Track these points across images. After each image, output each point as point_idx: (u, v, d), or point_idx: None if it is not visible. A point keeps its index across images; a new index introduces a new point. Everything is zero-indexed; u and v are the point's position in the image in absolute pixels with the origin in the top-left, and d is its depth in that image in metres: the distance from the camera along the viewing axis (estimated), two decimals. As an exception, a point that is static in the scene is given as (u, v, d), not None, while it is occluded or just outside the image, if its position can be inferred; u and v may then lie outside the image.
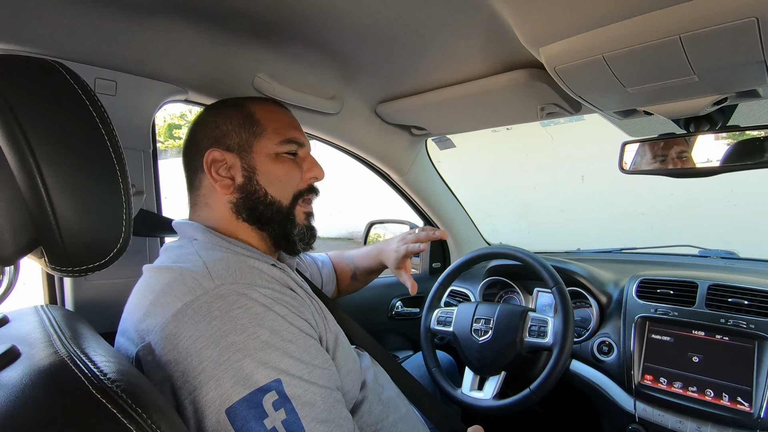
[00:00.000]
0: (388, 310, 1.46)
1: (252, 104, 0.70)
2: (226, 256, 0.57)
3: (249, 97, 0.74)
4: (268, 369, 0.47)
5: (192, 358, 0.47)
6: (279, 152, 0.68)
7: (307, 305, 0.59)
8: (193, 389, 0.46)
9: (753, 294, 0.89)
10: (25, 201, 0.40)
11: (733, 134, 0.82)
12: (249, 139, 0.67)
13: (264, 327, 0.49)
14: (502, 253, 1.09)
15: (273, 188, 0.67)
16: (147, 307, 0.53)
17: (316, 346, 0.55)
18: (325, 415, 0.49)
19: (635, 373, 0.92)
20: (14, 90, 0.39)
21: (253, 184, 0.66)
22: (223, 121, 0.68)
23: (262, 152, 0.67)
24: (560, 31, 0.61)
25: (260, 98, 0.75)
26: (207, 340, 0.47)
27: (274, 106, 0.72)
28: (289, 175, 0.68)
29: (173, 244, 0.64)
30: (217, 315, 0.49)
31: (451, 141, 4.65)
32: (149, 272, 0.59)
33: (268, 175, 0.67)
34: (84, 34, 0.70)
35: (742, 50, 0.56)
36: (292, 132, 0.70)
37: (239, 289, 0.52)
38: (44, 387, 0.35)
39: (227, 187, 0.66)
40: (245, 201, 0.66)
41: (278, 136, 0.68)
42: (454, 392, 0.99)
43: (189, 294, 0.51)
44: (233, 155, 0.66)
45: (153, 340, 0.50)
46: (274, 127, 0.68)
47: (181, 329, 0.48)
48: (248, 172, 0.66)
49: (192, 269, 0.54)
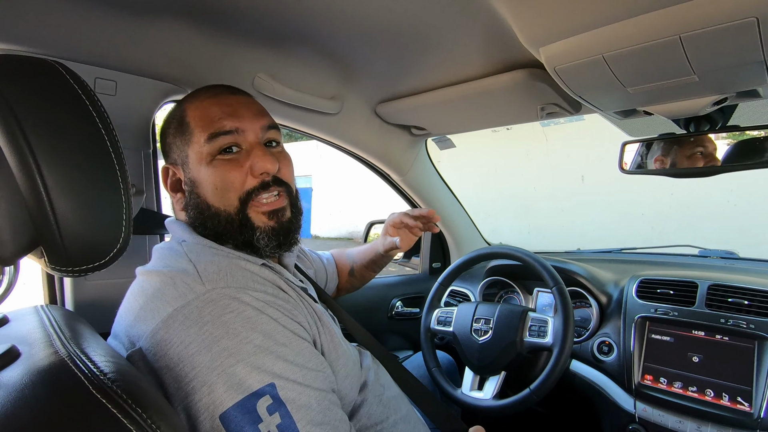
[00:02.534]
0: (388, 310, 1.46)
1: (188, 104, 0.64)
2: (217, 260, 0.56)
3: (193, 92, 0.66)
4: (262, 373, 0.46)
5: (184, 364, 0.46)
6: (212, 153, 0.60)
7: (300, 308, 0.58)
8: (185, 395, 0.45)
9: (753, 294, 0.89)
10: (25, 201, 0.40)
11: (733, 134, 0.83)
12: (184, 149, 0.62)
13: (257, 331, 0.49)
14: (502, 253, 1.09)
15: (213, 198, 0.60)
16: (137, 311, 0.52)
17: (310, 349, 0.54)
18: (321, 418, 0.48)
19: (635, 373, 0.92)
20: (14, 90, 0.39)
21: (194, 197, 0.62)
22: (168, 132, 0.64)
23: (195, 159, 0.61)
24: (560, 31, 0.61)
25: (200, 91, 0.66)
26: (199, 345, 0.46)
27: (207, 98, 0.63)
28: (226, 178, 0.60)
29: (164, 245, 0.63)
30: (208, 320, 0.48)
31: (451, 141, 4.64)
32: (141, 275, 0.58)
33: (206, 184, 0.60)
34: (84, 34, 0.70)
35: (742, 50, 0.56)
36: (217, 123, 0.60)
37: (230, 293, 0.51)
38: (44, 387, 0.35)
39: (181, 203, 0.64)
40: (195, 217, 0.62)
41: (203, 133, 0.60)
42: (454, 392, 0.99)
43: (180, 299, 0.50)
44: (179, 168, 0.63)
45: (144, 345, 0.49)
46: (200, 125, 0.60)
47: (172, 335, 0.47)
48: (189, 186, 0.62)
49: (182, 273, 0.53)
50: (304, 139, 6.49)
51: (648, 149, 0.92)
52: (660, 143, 0.90)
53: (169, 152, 0.64)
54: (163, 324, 0.48)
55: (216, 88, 0.66)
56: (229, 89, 0.66)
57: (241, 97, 0.65)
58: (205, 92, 0.65)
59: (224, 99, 0.63)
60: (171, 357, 0.47)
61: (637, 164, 0.93)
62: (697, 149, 0.86)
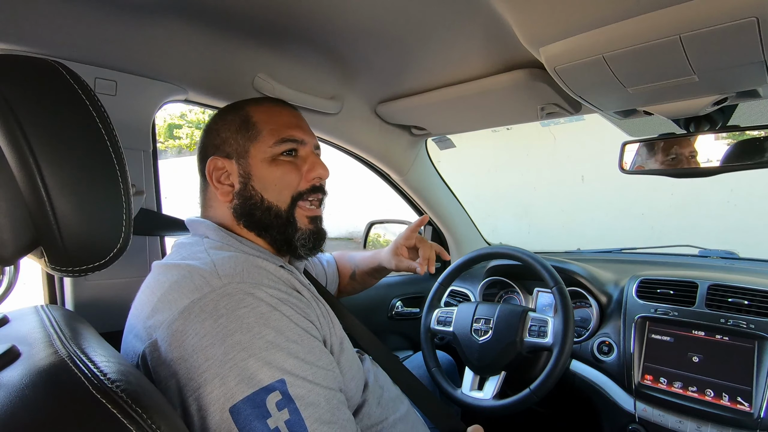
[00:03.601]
0: (388, 310, 1.46)
1: (252, 107, 0.69)
2: (235, 255, 0.58)
3: (253, 99, 0.73)
4: (273, 369, 0.47)
5: (198, 355, 0.47)
6: (275, 154, 0.66)
7: (312, 307, 0.59)
8: (197, 387, 0.46)
9: (753, 294, 0.89)
10: (25, 201, 0.40)
11: (733, 134, 0.82)
12: (245, 145, 0.67)
13: (269, 327, 0.50)
14: (502, 253, 1.09)
15: (269, 192, 0.66)
16: (155, 303, 0.53)
17: (321, 348, 0.55)
18: (329, 416, 0.49)
19: (635, 373, 0.92)
20: (14, 90, 0.39)
21: (249, 189, 0.66)
22: (224, 128, 0.68)
23: (257, 156, 0.66)
24: (560, 31, 0.61)
25: (263, 99, 0.74)
26: (213, 338, 0.47)
27: (274, 107, 0.71)
28: (285, 177, 0.67)
29: (185, 240, 0.65)
30: (223, 313, 0.49)
31: (451, 141, 4.64)
32: (159, 268, 0.59)
33: (263, 179, 0.66)
34: (84, 34, 0.70)
35: (742, 50, 0.56)
36: (287, 131, 0.68)
37: (246, 288, 0.52)
38: (44, 387, 0.35)
39: (227, 194, 0.66)
40: (243, 207, 0.66)
41: (273, 137, 0.67)
42: (454, 392, 0.99)
43: (196, 291, 0.51)
44: (232, 162, 0.67)
45: (160, 336, 0.50)
46: (270, 128, 0.67)
47: (188, 326, 0.49)
48: (244, 178, 0.66)
49: (200, 267, 0.55)
50: (304, 139, 6.43)
51: (648, 149, 0.92)
52: (660, 143, 0.90)
53: (221, 145, 0.67)
54: (180, 315, 0.50)
55: (277, 101, 0.74)
56: (288, 105, 0.73)
57: (298, 112, 0.73)
58: (268, 101, 0.73)
59: (289, 111, 0.71)
60: (186, 348, 0.48)
61: (637, 164, 0.93)
62: (697, 149, 0.86)
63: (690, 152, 0.87)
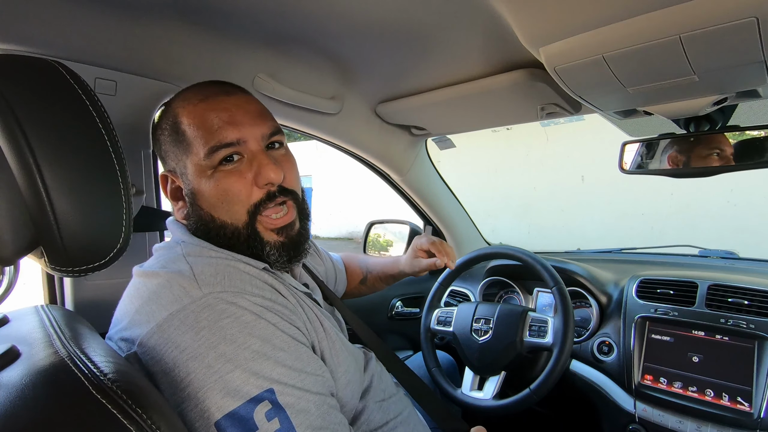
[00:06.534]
0: (388, 310, 1.46)
1: (179, 107, 0.59)
2: (215, 262, 0.54)
3: (183, 91, 0.62)
4: (260, 379, 0.46)
5: (179, 369, 0.45)
6: (212, 166, 0.56)
7: (298, 313, 0.57)
8: (180, 401, 0.45)
9: (753, 294, 0.89)
10: (25, 201, 0.40)
11: (733, 134, 0.82)
12: (182, 158, 0.58)
13: (255, 336, 0.48)
14: (502, 253, 1.09)
15: (218, 211, 0.58)
16: (132, 315, 0.51)
17: (308, 353, 0.53)
18: (320, 422, 0.48)
19: (635, 373, 0.92)
20: (14, 90, 0.39)
21: (197, 209, 0.59)
22: (162, 138, 0.60)
23: (195, 172, 0.58)
24: (560, 31, 0.61)
25: (190, 91, 0.60)
26: (194, 351, 0.46)
27: (200, 103, 0.58)
28: (230, 192, 0.57)
29: (163, 244, 0.62)
30: (204, 325, 0.47)
31: (451, 141, 4.64)
32: (138, 277, 0.56)
33: (209, 197, 0.57)
34: (84, 34, 0.70)
35: (742, 50, 0.56)
36: (218, 134, 0.56)
37: (227, 297, 0.49)
38: (44, 387, 0.35)
39: (182, 211, 0.61)
40: (197, 228, 0.60)
41: (202, 146, 0.56)
42: (454, 392, 0.99)
43: (175, 303, 0.48)
44: (178, 178, 0.60)
45: (138, 350, 0.48)
46: (198, 135, 0.56)
47: (167, 339, 0.47)
48: (190, 198, 0.59)
49: (179, 275, 0.52)
50: (304, 139, 6.50)
51: (648, 149, 0.92)
52: (660, 143, 0.90)
53: (165, 159, 0.61)
54: (158, 328, 0.47)
55: (207, 88, 0.60)
56: (222, 89, 0.60)
57: (236, 98, 0.60)
58: (196, 94, 0.59)
59: (219, 103, 0.58)
60: (166, 362, 0.46)
61: (637, 164, 0.93)
62: (696, 149, 0.86)
63: (690, 152, 0.87)
